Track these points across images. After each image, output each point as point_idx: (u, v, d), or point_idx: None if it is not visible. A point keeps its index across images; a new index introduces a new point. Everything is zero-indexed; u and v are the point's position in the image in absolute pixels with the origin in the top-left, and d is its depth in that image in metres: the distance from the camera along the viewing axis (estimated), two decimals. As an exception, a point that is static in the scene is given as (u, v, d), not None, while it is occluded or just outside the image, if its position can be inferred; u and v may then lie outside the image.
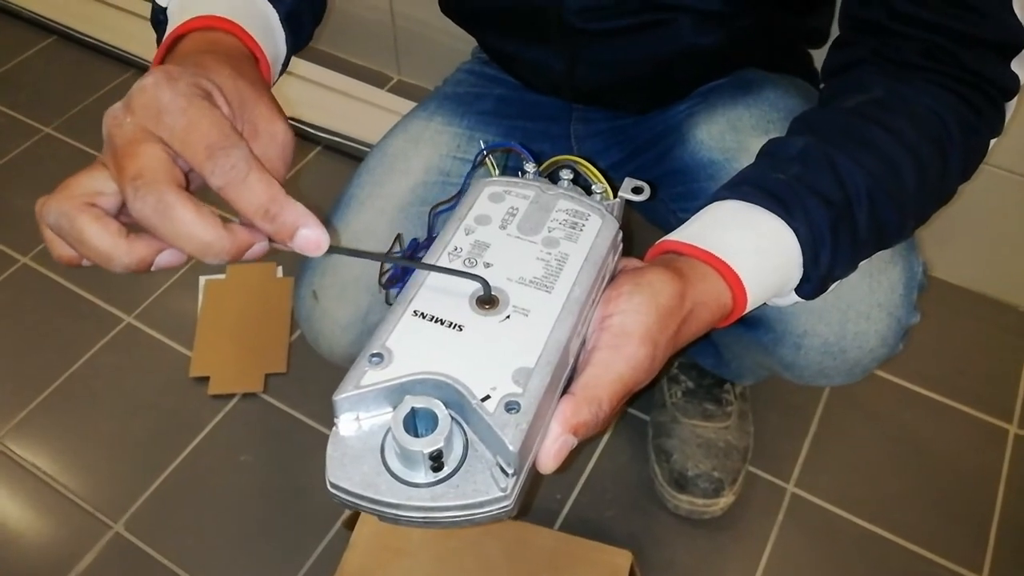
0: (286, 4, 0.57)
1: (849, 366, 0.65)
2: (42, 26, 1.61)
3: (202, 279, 1.19)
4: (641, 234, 0.45)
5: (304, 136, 1.37)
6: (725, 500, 0.92)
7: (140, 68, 1.52)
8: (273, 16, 0.56)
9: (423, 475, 0.33)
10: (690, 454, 0.92)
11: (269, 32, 0.54)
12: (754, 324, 0.66)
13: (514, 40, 0.76)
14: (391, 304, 0.69)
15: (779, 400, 1.04)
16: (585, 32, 0.68)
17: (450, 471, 0.34)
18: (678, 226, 0.74)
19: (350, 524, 0.86)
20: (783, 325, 0.64)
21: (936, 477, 0.99)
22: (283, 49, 0.57)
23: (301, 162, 1.35)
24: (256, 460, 1.01)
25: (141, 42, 1.53)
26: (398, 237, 0.72)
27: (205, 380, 1.08)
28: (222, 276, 1.19)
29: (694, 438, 0.93)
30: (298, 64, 1.44)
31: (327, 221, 0.73)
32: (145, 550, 0.94)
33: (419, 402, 0.34)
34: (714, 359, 0.92)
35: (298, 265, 0.76)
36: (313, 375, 1.08)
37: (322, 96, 1.40)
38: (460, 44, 0.87)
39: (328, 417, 1.01)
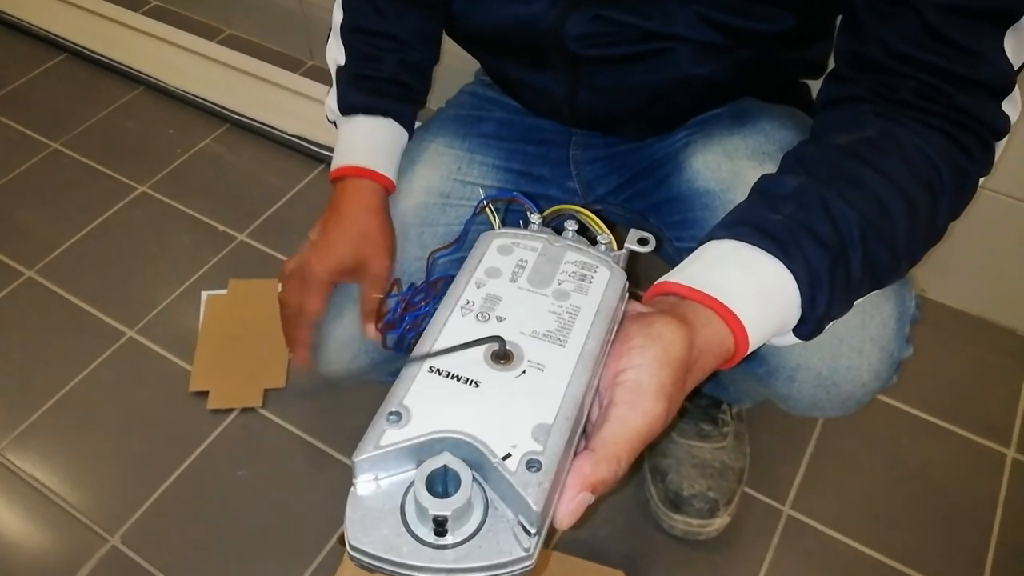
0: (408, 115, 0.78)
1: (842, 399, 0.65)
2: (53, 44, 1.64)
3: (204, 294, 1.20)
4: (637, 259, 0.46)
5: (308, 155, 1.39)
6: (720, 521, 0.91)
7: (148, 85, 1.54)
8: (404, 138, 0.78)
9: (446, 535, 0.33)
10: (685, 474, 0.92)
11: (399, 150, 0.78)
12: (749, 357, 0.67)
13: (515, 64, 0.76)
14: (387, 348, 0.70)
15: (776, 422, 1.04)
16: (585, 59, 0.68)
17: (472, 531, 0.33)
18: (673, 252, 0.75)
19: (345, 540, 0.86)
20: (777, 358, 0.65)
21: (933, 501, 0.98)
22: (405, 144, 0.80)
23: (307, 178, 1.37)
24: (253, 475, 1.01)
25: (149, 60, 1.56)
26: (395, 282, 0.72)
27: (204, 395, 1.08)
28: (223, 291, 1.20)
29: (689, 458, 0.93)
30: (307, 86, 1.46)
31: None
32: (141, 564, 0.94)
33: (453, 462, 0.33)
34: (712, 382, 0.92)
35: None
36: (312, 391, 1.08)
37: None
38: (461, 64, 0.88)
39: (325, 433, 1.02)
